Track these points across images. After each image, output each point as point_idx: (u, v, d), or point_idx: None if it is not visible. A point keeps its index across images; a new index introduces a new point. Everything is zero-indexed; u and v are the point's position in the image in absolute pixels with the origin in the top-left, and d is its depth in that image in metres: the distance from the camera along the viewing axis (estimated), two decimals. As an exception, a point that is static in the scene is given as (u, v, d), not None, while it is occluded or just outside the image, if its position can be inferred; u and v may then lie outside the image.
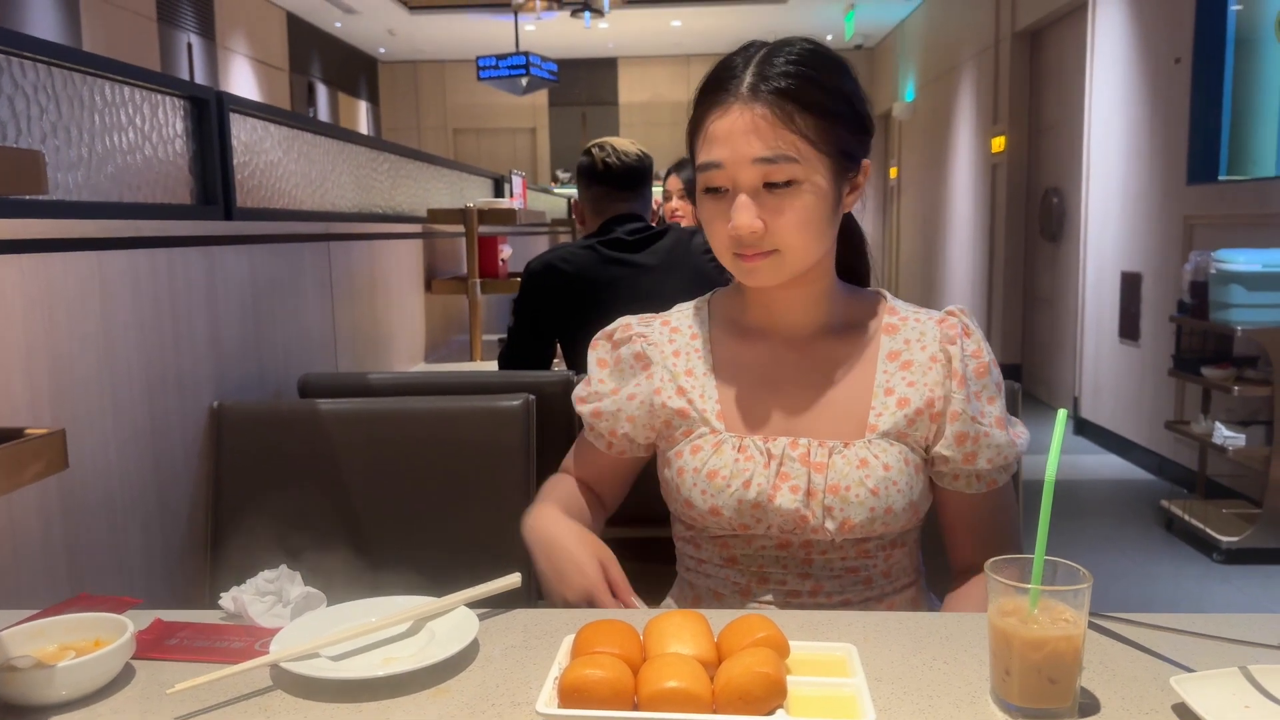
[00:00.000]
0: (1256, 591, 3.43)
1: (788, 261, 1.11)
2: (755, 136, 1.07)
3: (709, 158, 1.10)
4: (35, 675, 0.84)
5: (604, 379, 1.26)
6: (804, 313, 1.20)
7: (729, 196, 1.10)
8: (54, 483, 1.28)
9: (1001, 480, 1.17)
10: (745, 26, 11.37)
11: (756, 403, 1.18)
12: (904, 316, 1.20)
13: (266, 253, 1.90)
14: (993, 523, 1.18)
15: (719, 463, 1.14)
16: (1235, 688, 0.81)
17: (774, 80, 1.08)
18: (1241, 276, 3.54)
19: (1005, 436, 1.15)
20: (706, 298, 1.29)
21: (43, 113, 1.37)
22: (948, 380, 1.14)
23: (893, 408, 1.14)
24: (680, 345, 1.23)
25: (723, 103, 1.09)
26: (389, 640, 0.97)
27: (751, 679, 0.78)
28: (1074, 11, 6.07)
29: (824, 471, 1.12)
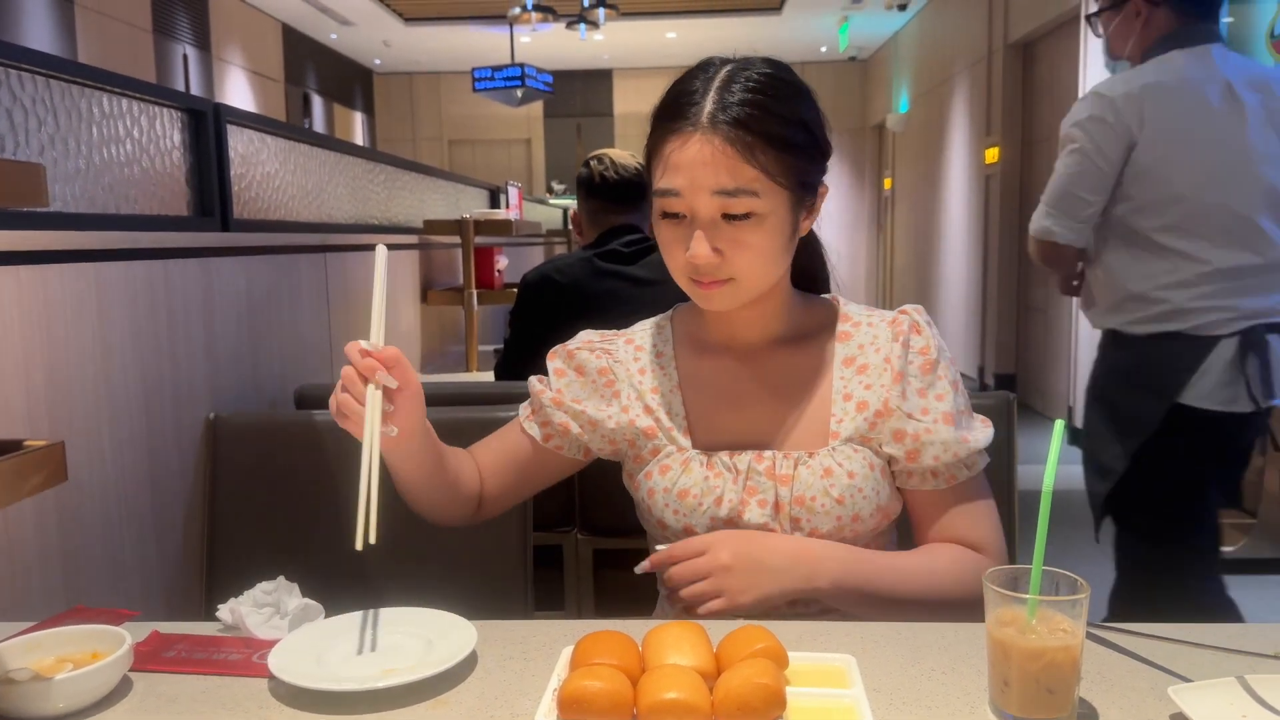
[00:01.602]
0: (1252, 602, 3.43)
1: (743, 289, 1.12)
2: (715, 169, 1.06)
3: (667, 185, 1.09)
4: (33, 688, 0.83)
5: (563, 387, 1.25)
6: (761, 327, 1.21)
7: (686, 223, 1.09)
8: (50, 494, 1.28)
9: (962, 476, 1.15)
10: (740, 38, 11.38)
11: (721, 418, 1.19)
12: (857, 321, 1.21)
13: (263, 264, 1.90)
14: (957, 519, 1.16)
15: (689, 482, 1.16)
16: (1233, 697, 0.82)
17: (734, 109, 1.06)
18: (1235, 287, 3.54)
19: (952, 433, 1.13)
20: (669, 314, 1.30)
21: (41, 125, 1.38)
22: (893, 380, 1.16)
23: (852, 413, 1.15)
24: (645, 363, 1.24)
25: (682, 131, 1.08)
26: (387, 652, 0.97)
27: (751, 690, 0.78)
28: (1066, 24, 6.11)
29: (790, 484, 1.13)
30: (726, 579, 1.06)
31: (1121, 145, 2.14)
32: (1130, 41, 2.26)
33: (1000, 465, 1.48)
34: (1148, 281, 2.17)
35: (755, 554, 1.07)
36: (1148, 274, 2.17)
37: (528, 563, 1.53)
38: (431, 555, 1.52)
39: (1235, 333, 2.11)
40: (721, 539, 1.09)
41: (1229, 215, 2.11)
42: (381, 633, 1.00)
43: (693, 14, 10.50)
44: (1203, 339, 2.12)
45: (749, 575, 1.06)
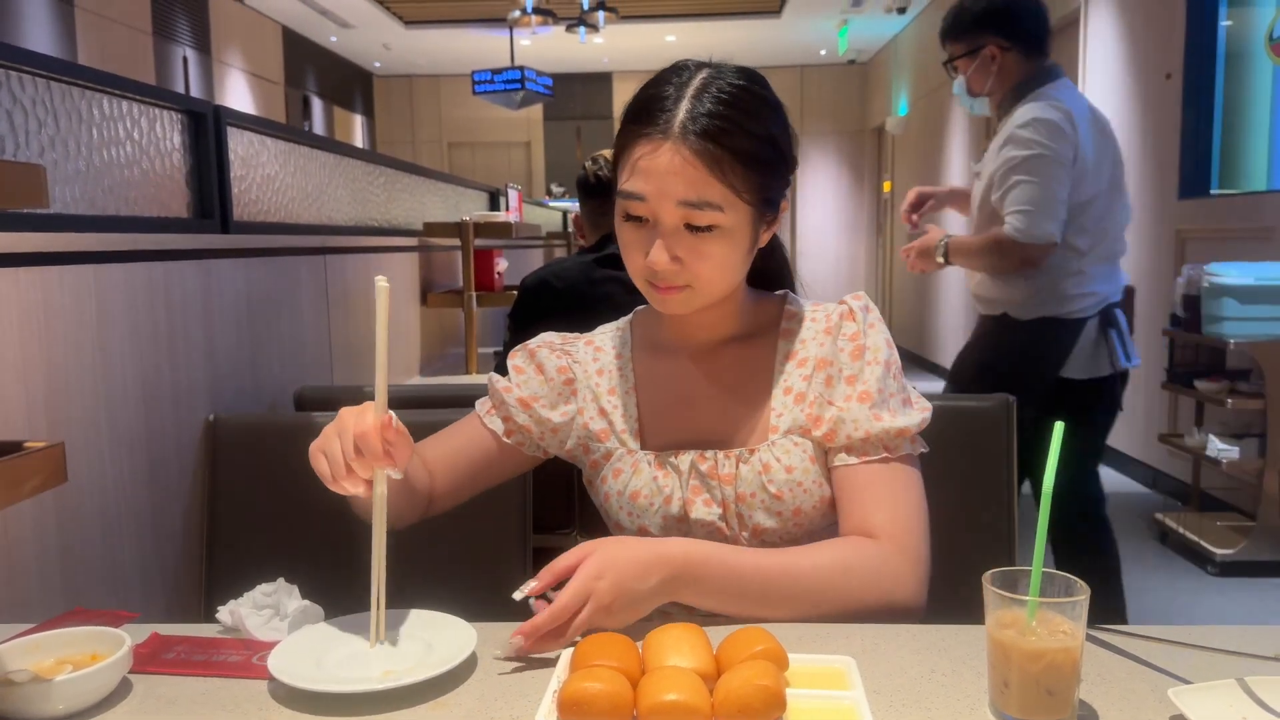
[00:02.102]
0: (1251, 604, 3.44)
1: (699, 296, 1.13)
2: (682, 179, 1.06)
3: (633, 189, 1.09)
4: (32, 689, 0.83)
5: (524, 382, 1.25)
6: (714, 329, 1.22)
7: (648, 227, 1.10)
8: (49, 495, 1.28)
9: (876, 455, 1.12)
10: (739, 40, 11.42)
11: (671, 418, 1.21)
12: (801, 316, 1.22)
13: (263, 266, 1.90)
14: (867, 501, 1.12)
15: (639, 483, 1.17)
16: (1232, 699, 0.82)
17: (705, 121, 1.06)
18: (1234, 290, 3.56)
19: (865, 410, 1.12)
20: (630, 316, 1.31)
21: (41, 126, 1.38)
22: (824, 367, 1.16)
23: (791, 405, 1.16)
24: (604, 364, 1.26)
25: (652, 137, 1.08)
26: (387, 654, 0.97)
27: (751, 691, 0.78)
28: (1066, 28, 6.11)
29: (732, 482, 1.14)
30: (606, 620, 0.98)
31: (1073, 156, 2.52)
32: (988, 82, 2.66)
33: (999, 467, 1.48)
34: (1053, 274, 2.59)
35: (628, 585, 0.98)
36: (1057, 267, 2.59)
37: (528, 565, 1.53)
38: (431, 557, 1.51)
39: (1097, 313, 2.65)
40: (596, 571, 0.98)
41: (1111, 219, 2.67)
42: (389, 632, 1.00)
43: (692, 17, 10.51)
44: (1077, 321, 2.63)
45: (624, 612, 0.99)
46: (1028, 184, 2.49)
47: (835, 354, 1.16)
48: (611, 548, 1.00)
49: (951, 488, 1.48)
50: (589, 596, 0.96)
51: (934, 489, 1.50)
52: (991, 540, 1.47)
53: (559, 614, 0.95)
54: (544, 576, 0.99)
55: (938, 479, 1.49)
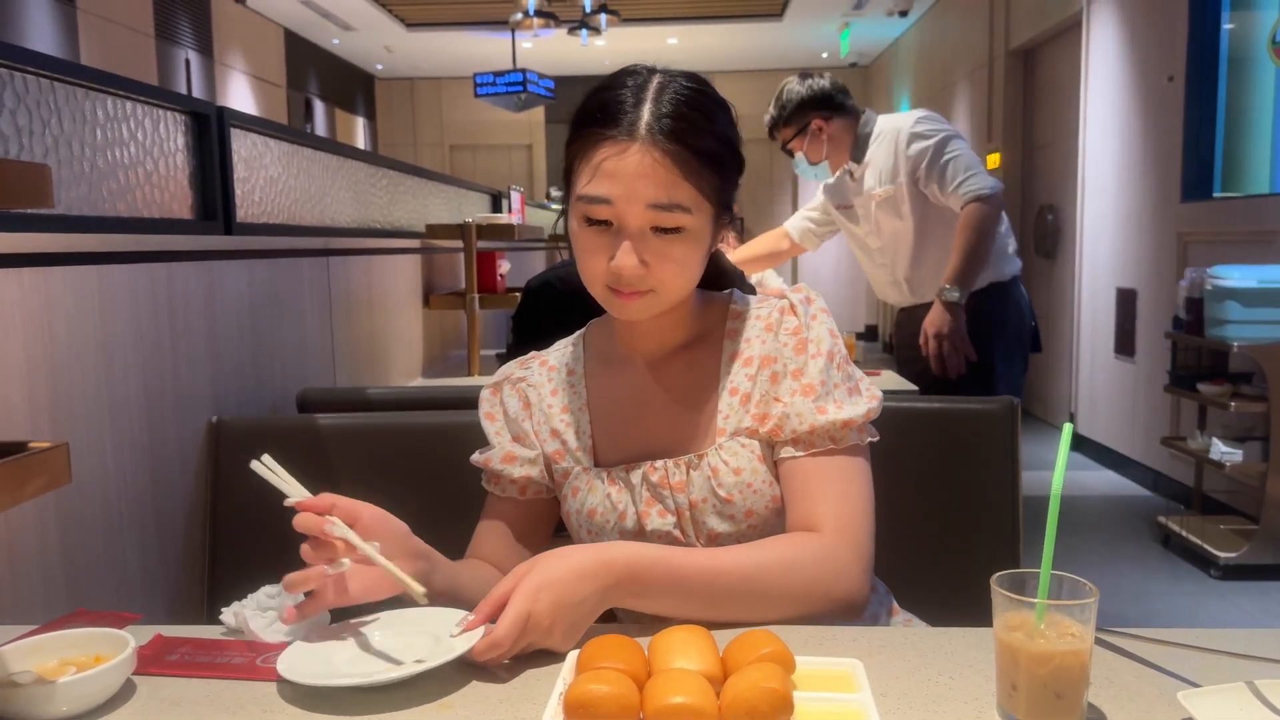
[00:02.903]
0: (1254, 608, 3.43)
1: (661, 300, 1.12)
2: (651, 181, 1.05)
3: (597, 192, 1.07)
4: (36, 691, 0.83)
5: (499, 431, 1.25)
6: (663, 335, 1.20)
7: (611, 231, 1.09)
8: (52, 497, 1.28)
9: (822, 446, 1.11)
10: (741, 44, 11.42)
11: (623, 432, 1.20)
12: (745, 316, 1.21)
13: (266, 268, 1.90)
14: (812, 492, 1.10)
15: (595, 501, 1.17)
16: (1242, 703, 0.81)
17: (671, 123, 1.06)
18: (1237, 293, 3.56)
19: (808, 404, 1.11)
20: (582, 331, 1.31)
21: (45, 127, 1.37)
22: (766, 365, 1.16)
23: (736, 406, 1.15)
24: (557, 383, 1.25)
25: (617, 138, 1.07)
26: (396, 650, 0.97)
27: (758, 694, 0.78)
28: (1068, 30, 6.11)
29: (684, 490, 1.13)
30: (546, 640, 0.94)
31: None
32: (823, 149, 3.02)
33: (1004, 471, 1.48)
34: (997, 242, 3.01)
35: (566, 599, 0.94)
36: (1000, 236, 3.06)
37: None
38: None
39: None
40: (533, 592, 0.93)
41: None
42: (390, 633, 1.00)
43: (694, 20, 10.51)
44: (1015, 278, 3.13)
45: (565, 628, 0.95)
46: (958, 155, 2.87)
47: (778, 350, 1.15)
48: (550, 561, 0.97)
49: (957, 490, 1.48)
50: (528, 618, 0.92)
51: (939, 491, 1.50)
52: (997, 542, 1.47)
53: (500, 642, 0.90)
54: (483, 608, 0.94)
55: (943, 481, 1.49)
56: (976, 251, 2.89)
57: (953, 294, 2.90)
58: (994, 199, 2.86)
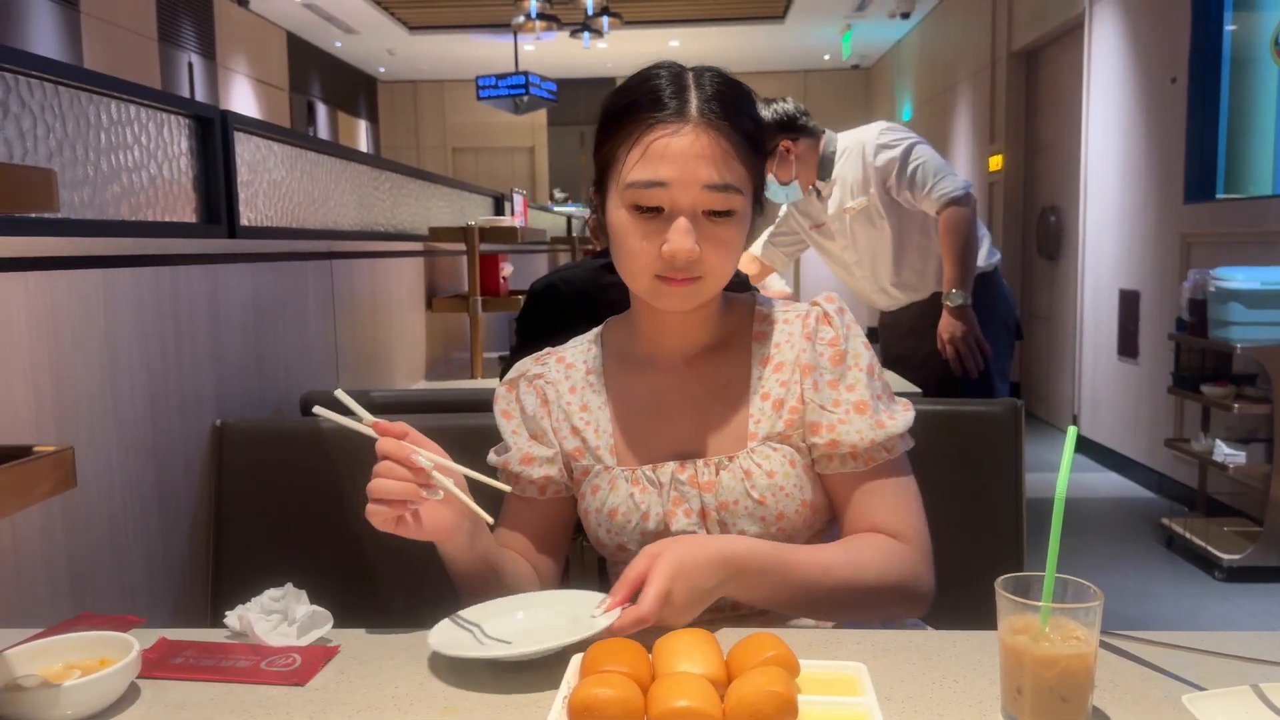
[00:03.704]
0: (1258, 609, 3.42)
1: (708, 286, 1.12)
2: (709, 162, 1.06)
3: (651, 175, 1.06)
4: (41, 694, 0.83)
5: (516, 430, 1.24)
6: (691, 335, 1.20)
7: (663, 217, 1.07)
8: (57, 500, 1.28)
9: (880, 458, 1.13)
10: (743, 46, 11.43)
11: (647, 432, 1.19)
12: (773, 320, 1.21)
13: (269, 271, 1.90)
14: (877, 503, 1.14)
15: (616, 500, 1.15)
16: (1248, 706, 0.81)
17: (718, 106, 1.07)
18: (1240, 294, 3.55)
19: (866, 420, 1.12)
20: (600, 329, 1.29)
21: (49, 131, 1.38)
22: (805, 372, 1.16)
23: (769, 412, 1.15)
24: (576, 380, 1.24)
25: (669, 121, 1.07)
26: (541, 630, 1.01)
27: (763, 698, 0.78)
28: (1070, 32, 6.11)
29: (713, 490, 1.13)
30: (677, 618, 0.99)
31: None
32: (791, 169, 3.07)
33: (1008, 473, 1.47)
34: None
35: (698, 585, 1.00)
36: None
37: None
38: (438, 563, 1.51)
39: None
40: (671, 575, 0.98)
41: None
42: (531, 613, 1.04)
43: (696, 22, 10.52)
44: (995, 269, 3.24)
45: (689, 608, 1.00)
46: (924, 161, 2.98)
47: (815, 359, 1.15)
48: (684, 547, 1.01)
49: (961, 493, 1.48)
50: (668, 596, 0.97)
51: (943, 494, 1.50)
52: (1002, 545, 1.46)
53: (645, 617, 0.95)
54: (619, 590, 0.99)
55: (947, 484, 1.49)
56: (966, 253, 3.00)
57: (958, 299, 3.01)
58: (967, 198, 2.98)
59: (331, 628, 1.04)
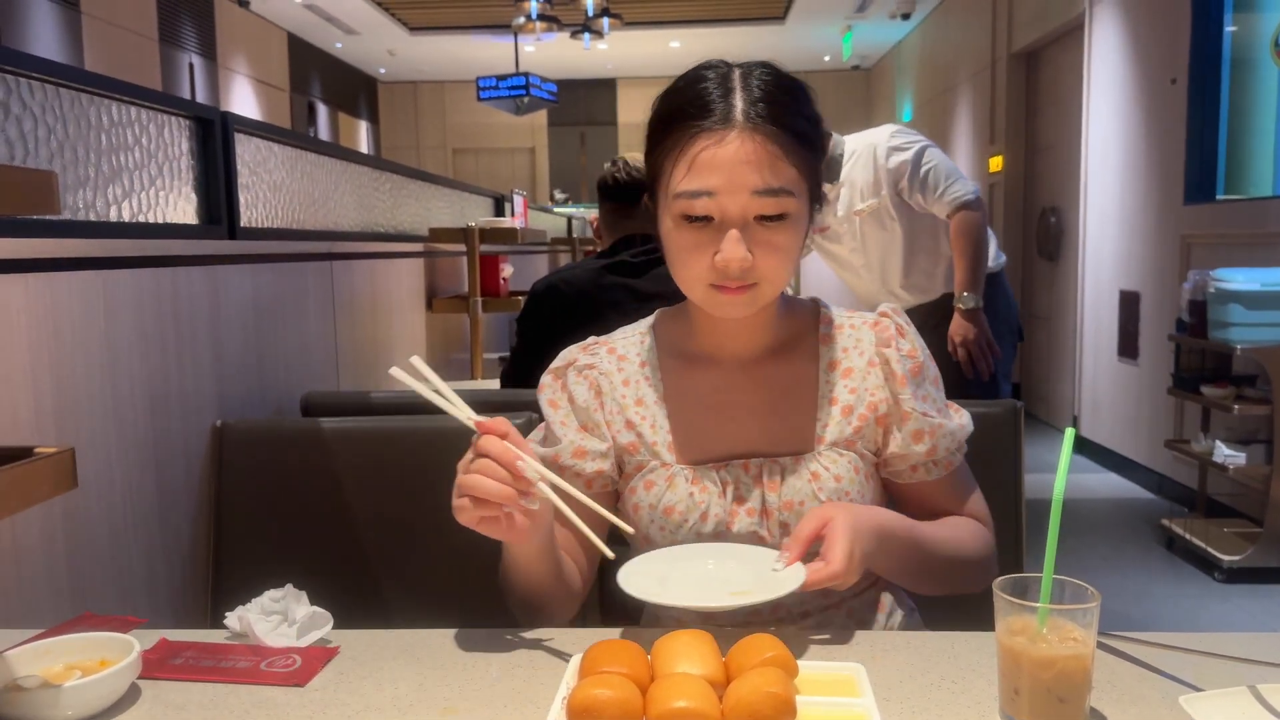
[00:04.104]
0: (1258, 611, 3.43)
1: (764, 293, 1.10)
2: (755, 168, 1.04)
3: (698, 185, 1.05)
4: (42, 695, 0.83)
5: (564, 420, 1.21)
6: (751, 337, 1.19)
7: (713, 226, 1.06)
8: (57, 501, 1.28)
9: (957, 461, 1.19)
10: (744, 47, 11.42)
11: (707, 430, 1.17)
12: (839, 324, 1.21)
13: (269, 272, 1.90)
14: (959, 497, 1.20)
15: (674, 498, 1.14)
16: (1245, 707, 0.81)
17: (766, 106, 1.05)
18: (1240, 295, 3.55)
19: (955, 422, 1.17)
20: (650, 321, 1.27)
21: (50, 133, 1.38)
22: (889, 383, 1.16)
23: (838, 417, 1.15)
24: (629, 373, 1.21)
25: (714, 129, 1.05)
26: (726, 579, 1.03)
27: (761, 699, 0.78)
28: (1070, 32, 6.11)
29: (777, 489, 1.13)
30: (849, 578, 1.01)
31: None
32: None
33: (1007, 474, 1.48)
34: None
35: (870, 550, 1.03)
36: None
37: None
38: (438, 564, 1.51)
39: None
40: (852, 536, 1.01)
41: None
42: (715, 564, 1.07)
43: (697, 23, 10.53)
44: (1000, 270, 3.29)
45: (860, 570, 1.02)
46: (935, 164, 3.02)
47: (893, 371, 1.15)
48: (849, 513, 1.04)
49: (959, 494, 1.48)
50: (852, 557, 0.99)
51: (942, 495, 1.49)
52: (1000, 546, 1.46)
53: (838, 574, 0.98)
54: (793, 547, 1.02)
55: (945, 485, 1.49)
56: (977, 256, 3.04)
57: (970, 301, 3.05)
58: (978, 202, 3.02)
59: (331, 628, 1.04)
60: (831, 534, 1.01)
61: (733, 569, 1.05)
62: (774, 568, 1.02)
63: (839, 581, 0.99)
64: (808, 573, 0.98)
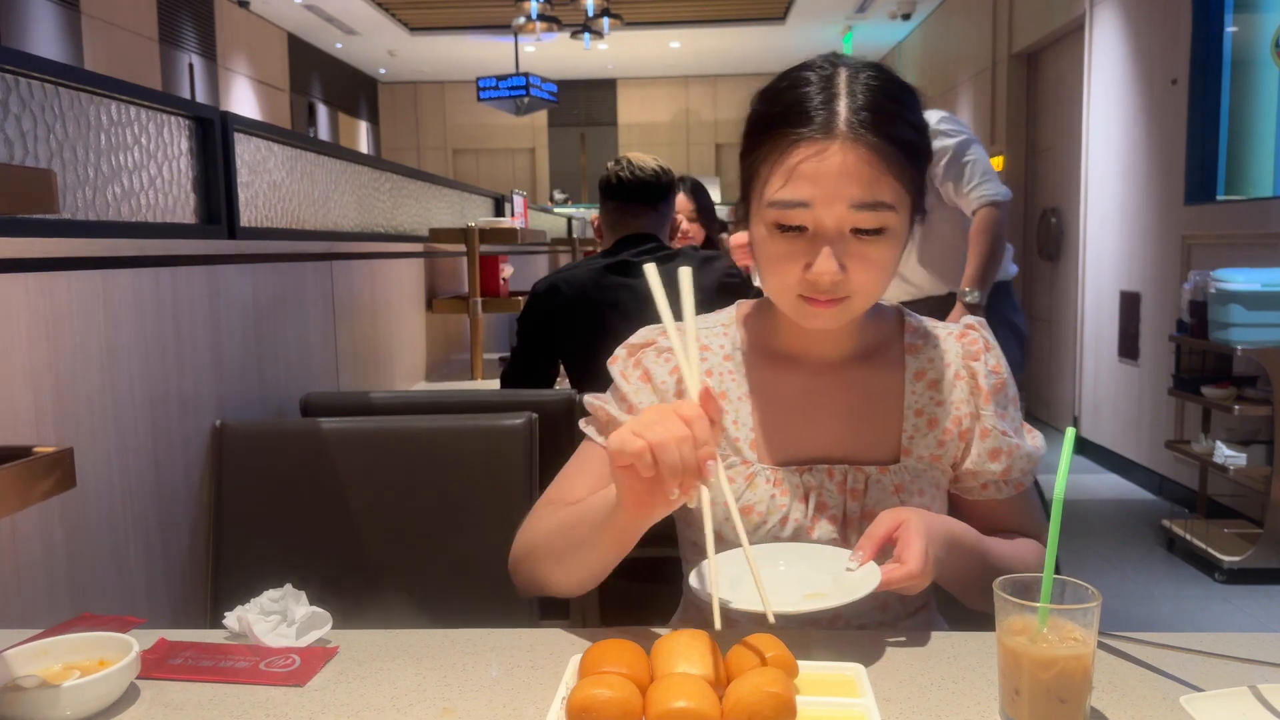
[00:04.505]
0: (1258, 611, 3.42)
1: (855, 307, 1.07)
2: (855, 180, 1.00)
3: (794, 195, 1.01)
4: (40, 695, 0.83)
5: (636, 391, 1.16)
6: (838, 341, 1.16)
7: (806, 236, 1.02)
8: (56, 501, 1.28)
9: (1028, 482, 1.18)
10: (744, 47, 11.43)
11: (790, 431, 1.14)
12: (925, 334, 1.19)
13: (269, 272, 1.90)
14: (1028, 518, 1.19)
15: (754, 498, 1.11)
16: (1245, 707, 0.81)
17: (870, 115, 1.01)
18: (1241, 296, 3.55)
19: (1031, 444, 1.16)
20: (732, 314, 1.23)
21: (49, 132, 1.38)
22: (973, 397, 1.14)
23: (924, 430, 1.14)
24: (713, 364, 1.18)
25: (814, 138, 1.00)
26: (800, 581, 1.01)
27: (761, 699, 0.78)
28: (1071, 33, 6.11)
29: (860, 499, 1.11)
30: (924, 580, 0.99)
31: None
32: None
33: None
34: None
35: (937, 551, 1.00)
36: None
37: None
38: (437, 564, 1.51)
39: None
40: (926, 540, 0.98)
41: None
42: (789, 566, 1.04)
43: (697, 23, 10.53)
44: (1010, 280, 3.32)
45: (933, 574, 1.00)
46: (976, 160, 3.03)
47: (978, 386, 1.14)
48: (923, 517, 1.02)
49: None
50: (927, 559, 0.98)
51: (942, 495, 1.49)
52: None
53: (916, 574, 0.96)
54: (867, 546, 1.01)
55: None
56: (992, 254, 3.05)
57: (973, 296, 3.06)
58: (1005, 205, 3.05)
59: (330, 628, 1.04)
60: (906, 535, 0.99)
61: (805, 571, 1.03)
62: (848, 567, 1.00)
63: (914, 583, 0.97)
64: (883, 573, 0.97)
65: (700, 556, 1.16)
